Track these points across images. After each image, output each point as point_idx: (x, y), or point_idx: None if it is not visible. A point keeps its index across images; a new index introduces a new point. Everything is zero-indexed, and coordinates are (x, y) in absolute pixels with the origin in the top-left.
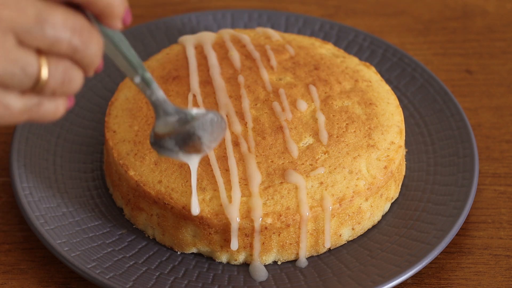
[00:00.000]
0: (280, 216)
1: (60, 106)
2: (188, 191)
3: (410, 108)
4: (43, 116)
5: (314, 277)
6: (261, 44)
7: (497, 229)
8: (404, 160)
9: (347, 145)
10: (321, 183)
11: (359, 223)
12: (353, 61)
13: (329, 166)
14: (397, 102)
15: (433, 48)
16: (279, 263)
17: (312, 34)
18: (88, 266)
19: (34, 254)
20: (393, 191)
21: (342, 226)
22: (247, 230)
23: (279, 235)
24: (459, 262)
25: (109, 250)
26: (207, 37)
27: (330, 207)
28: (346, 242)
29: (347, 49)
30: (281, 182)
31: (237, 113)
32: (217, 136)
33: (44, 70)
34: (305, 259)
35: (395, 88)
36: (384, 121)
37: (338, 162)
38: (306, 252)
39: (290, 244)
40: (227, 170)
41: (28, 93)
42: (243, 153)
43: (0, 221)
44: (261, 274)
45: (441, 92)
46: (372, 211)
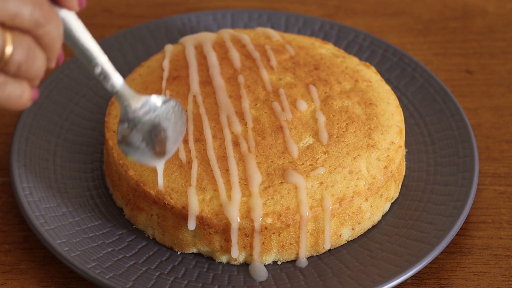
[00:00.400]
0: (280, 216)
1: (25, 92)
2: (188, 191)
3: (410, 108)
4: (8, 99)
5: (314, 277)
6: (261, 44)
7: (497, 229)
8: (404, 160)
9: (347, 145)
10: (321, 183)
11: (359, 223)
12: (353, 61)
13: (329, 166)
14: (397, 102)
15: (433, 48)
16: (279, 263)
17: (312, 34)
18: (88, 266)
19: (34, 254)
20: (393, 191)
21: (342, 226)
22: (247, 230)
23: (279, 235)
24: (459, 262)
25: (109, 250)
26: (207, 37)
27: (330, 207)
28: (346, 242)
29: (347, 49)
30: (281, 182)
31: (237, 113)
32: (180, 128)
33: (9, 45)
34: (305, 259)
35: (395, 88)
36: (384, 121)
37: (338, 162)
38: (306, 252)
39: (290, 244)
40: (227, 170)
41: None
42: (243, 153)
43: (0, 221)
44: (261, 274)
45: (441, 92)
46: (372, 211)
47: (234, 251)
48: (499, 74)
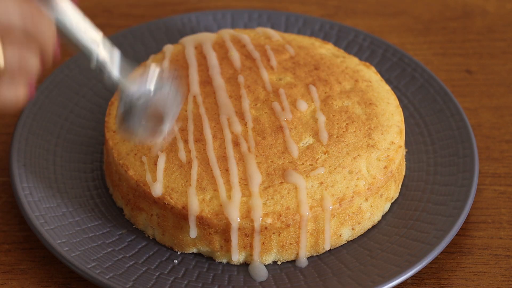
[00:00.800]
0: (280, 216)
1: (20, 93)
2: (188, 191)
3: (410, 108)
4: (4, 102)
5: (314, 277)
6: (261, 44)
7: (497, 229)
8: (404, 160)
9: (347, 145)
10: (321, 183)
11: (359, 223)
12: (353, 61)
13: (329, 166)
14: (397, 102)
15: (433, 48)
16: (279, 263)
17: (312, 34)
18: (88, 266)
19: (34, 254)
20: (393, 191)
21: (342, 226)
22: (247, 230)
23: (279, 235)
24: (459, 262)
25: (109, 250)
26: (207, 38)
27: (330, 207)
28: (346, 242)
29: (347, 49)
30: (281, 182)
31: (237, 113)
32: (177, 102)
33: (0, 58)
34: (305, 259)
35: (395, 88)
36: (384, 121)
37: (338, 162)
38: (306, 252)
39: (290, 244)
40: (227, 170)
41: None
42: (243, 153)
43: (0, 221)
44: (261, 274)
45: (441, 92)
46: (372, 211)
47: (234, 255)
48: (499, 74)
